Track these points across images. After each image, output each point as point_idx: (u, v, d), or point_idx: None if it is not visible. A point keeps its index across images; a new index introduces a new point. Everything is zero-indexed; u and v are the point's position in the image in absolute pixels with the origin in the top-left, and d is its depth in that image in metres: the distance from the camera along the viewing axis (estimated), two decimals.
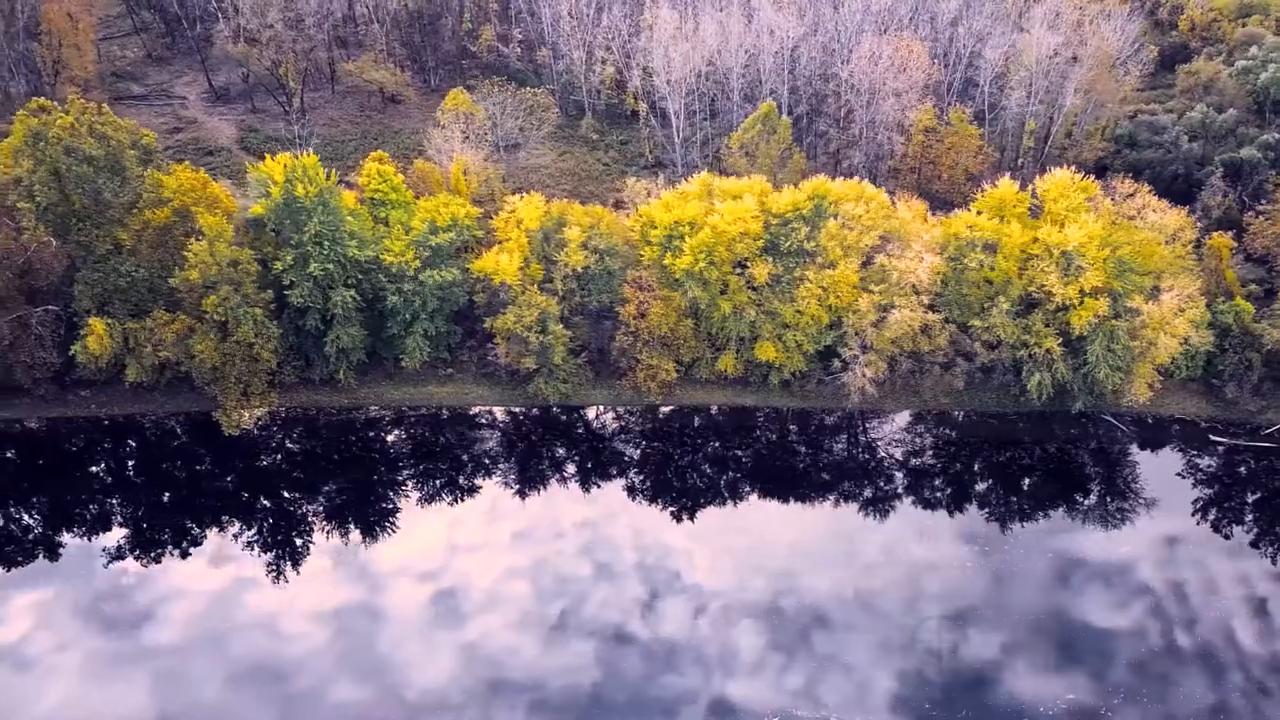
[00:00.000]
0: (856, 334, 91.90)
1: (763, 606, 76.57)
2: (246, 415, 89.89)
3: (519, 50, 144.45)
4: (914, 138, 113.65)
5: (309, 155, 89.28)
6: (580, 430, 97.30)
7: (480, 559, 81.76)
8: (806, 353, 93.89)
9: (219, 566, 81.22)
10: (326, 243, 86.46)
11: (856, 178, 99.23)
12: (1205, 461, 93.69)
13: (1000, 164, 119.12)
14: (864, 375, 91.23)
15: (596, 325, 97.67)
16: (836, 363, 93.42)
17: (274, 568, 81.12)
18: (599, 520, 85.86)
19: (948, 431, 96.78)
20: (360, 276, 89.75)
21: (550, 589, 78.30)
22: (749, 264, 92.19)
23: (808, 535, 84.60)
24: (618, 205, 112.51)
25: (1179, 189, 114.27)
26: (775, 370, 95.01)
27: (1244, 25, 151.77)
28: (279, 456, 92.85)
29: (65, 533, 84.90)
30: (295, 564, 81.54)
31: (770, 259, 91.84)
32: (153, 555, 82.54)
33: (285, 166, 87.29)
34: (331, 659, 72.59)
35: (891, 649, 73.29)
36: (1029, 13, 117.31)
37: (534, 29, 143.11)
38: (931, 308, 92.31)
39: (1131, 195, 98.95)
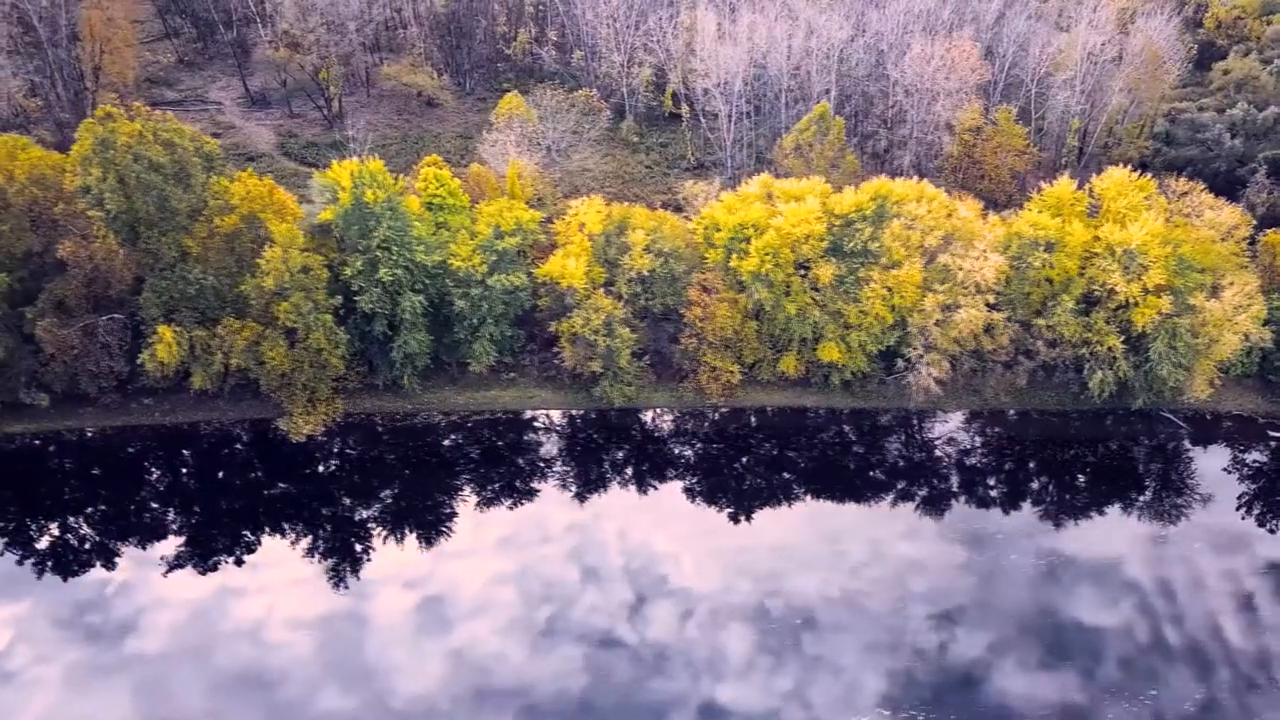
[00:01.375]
0: (921, 333, 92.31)
1: (864, 609, 77.07)
2: (313, 422, 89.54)
3: (554, 53, 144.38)
4: (959, 137, 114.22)
5: (375, 160, 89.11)
6: (644, 432, 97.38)
7: (564, 560, 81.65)
8: (870, 353, 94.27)
9: (288, 572, 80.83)
10: (395, 248, 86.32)
11: (902, 177, 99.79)
12: (1260, 457, 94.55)
13: (1044, 163, 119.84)
14: (929, 375, 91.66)
15: (655, 328, 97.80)
16: (900, 362, 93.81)
17: (343, 573, 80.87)
18: (672, 520, 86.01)
19: (1013, 430, 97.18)
20: (427, 281, 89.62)
21: (651, 589, 78.42)
22: (811, 265, 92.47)
23: (888, 536, 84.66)
24: (664, 207, 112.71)
25: (1220, 186, 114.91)
26: (836, 371, 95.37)
27: (1269, 23, 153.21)
28: (344, 462, 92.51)
29: (142, 535, 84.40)
30: (364, 569, 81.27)
31: (834, 260, 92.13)
32: (232, 560, 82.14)
33: (352, 173, 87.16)
34: (404, 662, 72.51)
35: (1016, 649, 73.83)
36: (1071, 12, 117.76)
37: (572, 31, 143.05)
38: (993, 307, 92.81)
39: (1186, 193, 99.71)
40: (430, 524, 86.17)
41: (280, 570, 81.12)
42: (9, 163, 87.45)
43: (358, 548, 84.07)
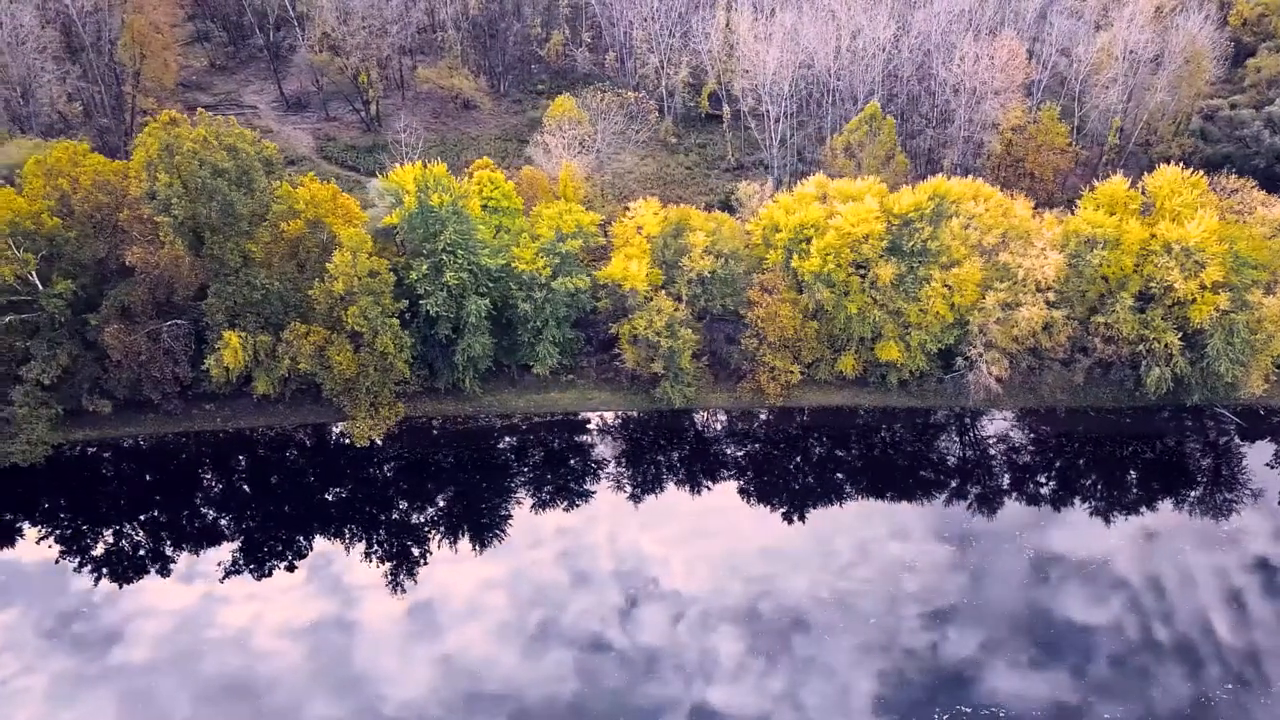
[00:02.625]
0: (981, 332, 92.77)
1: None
2: (377, 426, 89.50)
3: (587, 55, 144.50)
4: (1003, 135, 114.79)
5: (438, 164, 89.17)
6: (704, 432, 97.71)
7: (639, 561, 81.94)
8: (929, 352, 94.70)
9: (355, 576, 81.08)
10: (460, 251, 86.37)
11: (940, 176, 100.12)
12: None
13: (1084, 161, 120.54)
14: (990, 373, 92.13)
15: (712, 328, 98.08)
16: (960, 361, 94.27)
17: (414, 575, 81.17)
18: (738, 518, 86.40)
19: (1070, 426, 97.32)
20: (490, 285, 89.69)
21: (749, 589, 79.00)
22: (870, 265, 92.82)
23: (964, 535, 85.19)
24: (706, 208, 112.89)
25: (1259, 183, 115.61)
26: (894, 370, 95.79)
27: None
28: (409, 466, 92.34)
29: (211, 539, 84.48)
30: (435, 572, 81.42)
31: (893, 259, 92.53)
32: (300, 564, 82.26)
33: (416, 177, 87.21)
34: (485, 660, 72.75)
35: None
36: (1112, 12, 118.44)
37: (608, 33, 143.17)
38: (1052, 305, 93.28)
39: (1236, 190, 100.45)
40: (500, 526, 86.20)
41: (351, 574, 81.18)
42: (72, 169, 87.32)
43: (423, 550, 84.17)
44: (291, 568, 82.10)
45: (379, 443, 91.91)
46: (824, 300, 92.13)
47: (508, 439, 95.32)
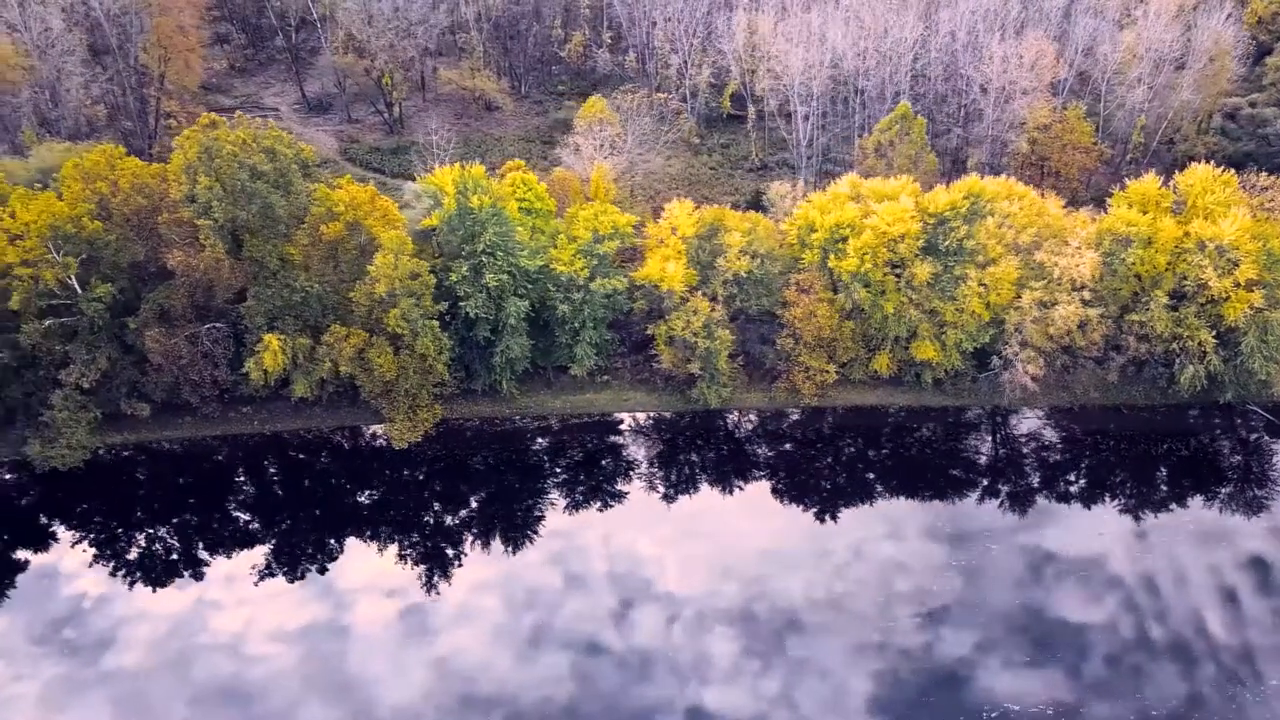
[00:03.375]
0: (1016, 330, 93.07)
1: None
2: (416, 429, 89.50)
3: (607, 55, 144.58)
4: (1029, 134, 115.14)
5: (476, 166, 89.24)
6: (737, 432, 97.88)
7: (678, 565, 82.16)
8: (965, 351, 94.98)
9: (390, 579, 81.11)
10: (500, 253, 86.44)
11: (975, 175, 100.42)
12: None
13: (1108, 160, 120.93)
14: (1025, 371, 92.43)
15: (746, 328, 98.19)
16: (996, 360, 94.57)
17: (449, 578, 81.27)
18: (772, 517, 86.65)
19: (1104, 424, 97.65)
20: (529, 286, 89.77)
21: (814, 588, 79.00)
22: (906, 264, 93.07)
23: (1006, 529, 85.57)
24: (733, 208, 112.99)
25: None
26: (929, 369, 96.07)
27: None
28: (446, 468, 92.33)
29: (253, 540, 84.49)
30: (470, 575, 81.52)
31: (929, 258, 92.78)
32: (342, 566, 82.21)
33: (455, 178, 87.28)
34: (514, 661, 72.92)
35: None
36: (1134, 11, 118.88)
37: (630, 34, 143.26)
38: (1086, 303, 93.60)
39: (1267, 189, 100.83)
40: (534, 526, 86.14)
41: (386, 577, 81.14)
42: (109, 172, 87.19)
43: (458, 552, 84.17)
44: (323, 570, 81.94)
45: (416, 444, 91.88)
46: (861, 300, 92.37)
47: (542, 440, 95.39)
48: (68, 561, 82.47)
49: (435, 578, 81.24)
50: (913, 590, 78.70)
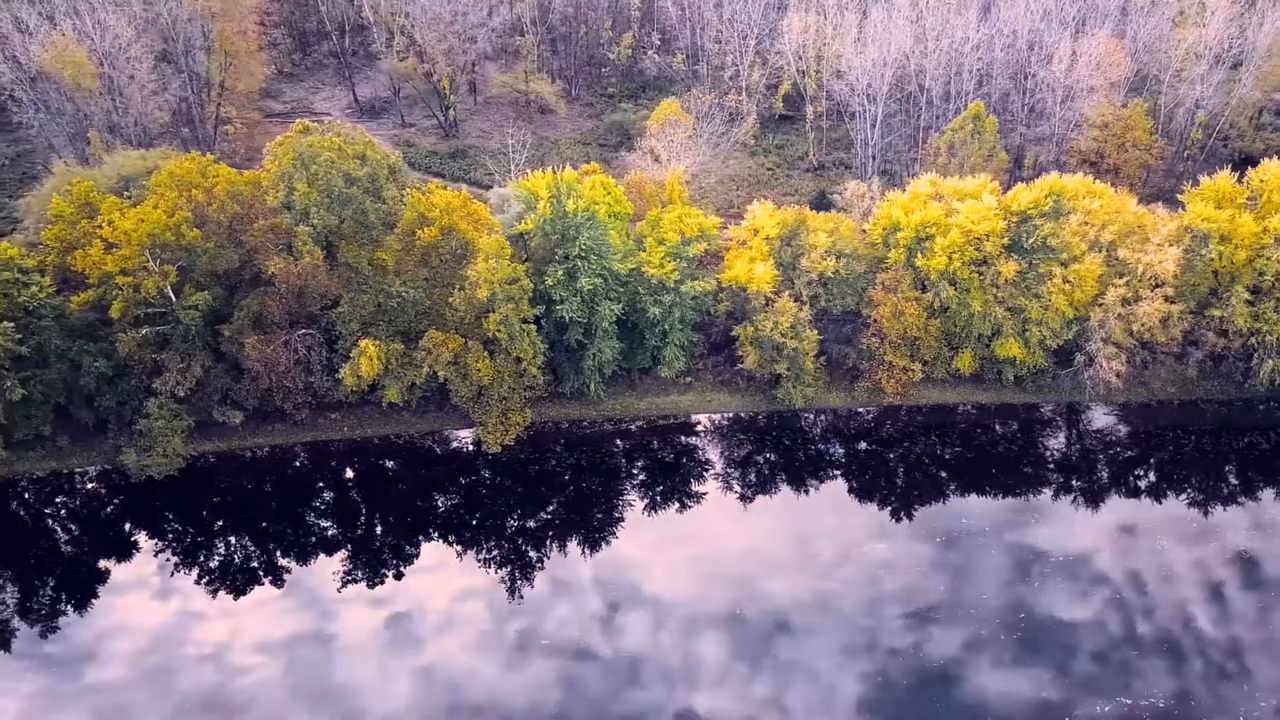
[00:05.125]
0: (1100, 327, 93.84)
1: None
2: (508, 433, 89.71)
3: (657, 58, 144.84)
4: (1089, 132, 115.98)
5: (569, 170, 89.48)
6: (822, 432, 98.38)
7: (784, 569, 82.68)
8: (1048, 348, 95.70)
9: (471, 579, 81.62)
10: (593, 256, 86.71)
11: (1056, 173, 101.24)
12: None
13: (1167, 156, 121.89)
14: (1109, 368, 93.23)
15: (827, 328, 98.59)
16: (1079, 356, 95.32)
17: (536, 584, 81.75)
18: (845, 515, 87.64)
19: (1183, 419, 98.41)
20: (620, 289, 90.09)
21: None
22: (990, 262, 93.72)
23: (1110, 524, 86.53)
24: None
25: None
26: (1011, 366, 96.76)
27: None
28: (536, 471, 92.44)
29: (338, 545, 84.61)
30: (554, 574, 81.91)
31: (1013, 256, 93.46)
32: (430, 570, 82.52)
33: (549, 183, 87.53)
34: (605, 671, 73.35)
35: None
36: (1190, 8, 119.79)
37: (683, 36, 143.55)
38: (1169, 299, 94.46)
39: None
40: (616, 527, 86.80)
41: (468, 576, 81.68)
42: (203, 180, 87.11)
43: (541, 554, 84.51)
44: (398, 575, 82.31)
45: (513, 447, 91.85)
46: (948, 298, 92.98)
47: (627, 442, 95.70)
48: (150, 569, 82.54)
49: (516, 581, 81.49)
50: (1022, 584, 79.62)
